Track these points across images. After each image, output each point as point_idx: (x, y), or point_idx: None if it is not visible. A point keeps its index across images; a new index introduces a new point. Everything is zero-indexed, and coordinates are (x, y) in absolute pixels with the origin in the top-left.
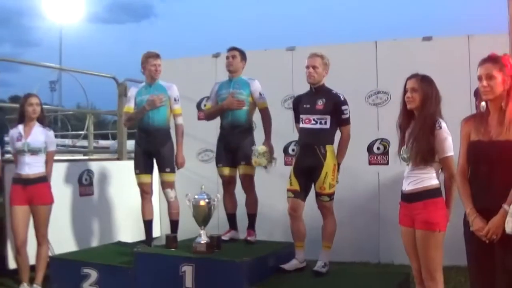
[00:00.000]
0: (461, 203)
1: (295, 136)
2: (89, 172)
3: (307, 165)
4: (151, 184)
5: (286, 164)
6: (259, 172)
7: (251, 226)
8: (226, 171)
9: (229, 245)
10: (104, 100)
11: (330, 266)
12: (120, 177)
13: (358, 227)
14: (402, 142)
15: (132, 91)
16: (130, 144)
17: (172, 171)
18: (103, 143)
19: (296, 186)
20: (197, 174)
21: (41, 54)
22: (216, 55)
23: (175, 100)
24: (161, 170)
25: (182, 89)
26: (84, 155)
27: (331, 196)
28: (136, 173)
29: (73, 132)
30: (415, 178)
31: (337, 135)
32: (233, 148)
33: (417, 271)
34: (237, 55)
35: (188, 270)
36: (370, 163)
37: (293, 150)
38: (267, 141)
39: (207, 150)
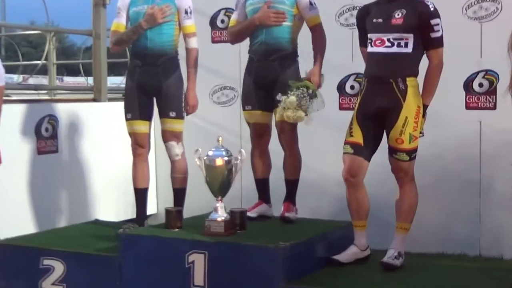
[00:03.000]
0: None
1: (355, 67)
2: (52, 118)
3: (378, 106)
4: (148, 135)
5: (341, 108)
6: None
7: (291, 197)
8: (257, 116)
9: (258, 224)
10: (72, 16)
11: (407, 258)
12: (98, 127)
13: (448, 203)
14: None
15: (123, 0)
16: (112, 81)
17: (180, 116)
18: (69, 80)
19: (359, 138)
20: (211, 121)
21: None
22: None
23: (186, 13)
24: (164, 115)
25: None
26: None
27: (411, 153)
28: (127, 119)
29: (26, 63)
30: None
31: (423, 62)
32: (268, 83)
33: None
34: None
35: (198, 261)
36: (468, 107)
37: (352, 87)
38: (316, 70)
39: (226, 87)
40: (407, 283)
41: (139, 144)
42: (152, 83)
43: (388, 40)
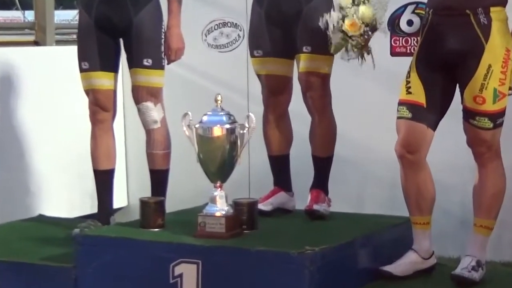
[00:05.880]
0: None
1: None
2: None
3: (448, 50)
4: (113, 93)
5: (394, 52)
6: (339, 69)
7: (321, 183)
8: (272, 65)
9: (274, 221)
10: None
11: (489, 268)
12: (42, 81)
13: None
14: None
15: None
16: (61, 17)
17: (158, 65)
18: None
19: (420, 96)
20: (205, 73)
21: None
22: None
23: None
24: (136, 64)
25: None
26: None
27: (497, 118)
28: (82, 70)
29: None
30: None
31: None
32: (288, 18)
33: None
34: None
35: (188, 274)
36: None
37: (409, 23)
38: None
39: (226, 23)
40: None
41: (101, 106)
42: (117, 18)
43: None
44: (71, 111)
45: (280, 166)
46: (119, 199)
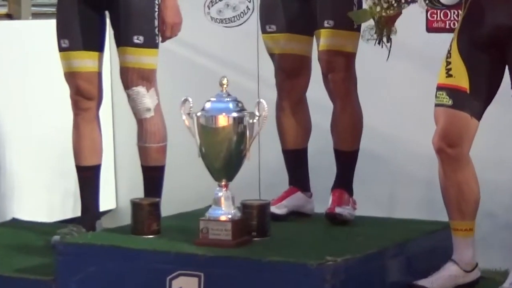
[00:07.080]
0: None
1: None
2: None
3: (495, 26)
4: (98, 76)
5: (430, 29)
6: (365, 47)
7: (345, 182)
8: (287, 43)
9: (289, 227)
10: None
11: None
12: (17, 60)
13: None
14: None
15: None
16: None
17: (150, 44)
18: None
19: (462, 80)
20: (208, 52)
21: None
22: None
23: None
24: (124, 42)
25: None
26: None
27: None
28: (62, 48)
29: None
30: None
31: None
32: None
33: None
34: None
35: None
36: None
37: None
38: None
39: None
40: None
41: (84, 93)
42: None
43: None
44: (49, 97)
45: (296, 162)
46: (106, 201)
